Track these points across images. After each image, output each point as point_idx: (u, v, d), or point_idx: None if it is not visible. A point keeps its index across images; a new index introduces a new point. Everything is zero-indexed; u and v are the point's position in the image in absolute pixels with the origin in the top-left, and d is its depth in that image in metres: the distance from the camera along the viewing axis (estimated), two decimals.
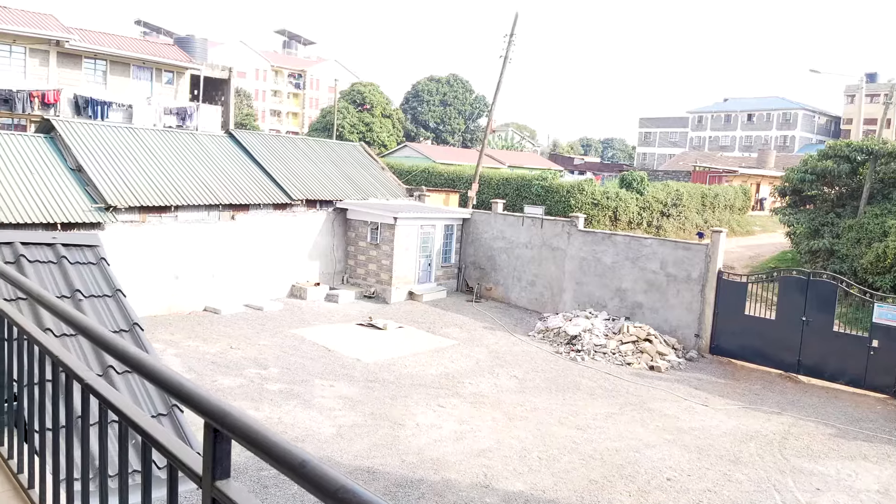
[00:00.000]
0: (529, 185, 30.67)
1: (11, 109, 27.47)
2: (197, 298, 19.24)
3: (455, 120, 77.09)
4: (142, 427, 1.87)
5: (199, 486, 1.58)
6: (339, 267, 23.45)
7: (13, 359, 3.10)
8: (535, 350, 18.20)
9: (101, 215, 17.02)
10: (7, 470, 3.10)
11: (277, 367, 14.96)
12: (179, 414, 4.39)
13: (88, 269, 5.09)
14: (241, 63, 74.05)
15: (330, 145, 27.94)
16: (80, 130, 19.40)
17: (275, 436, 1.39)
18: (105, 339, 2.11)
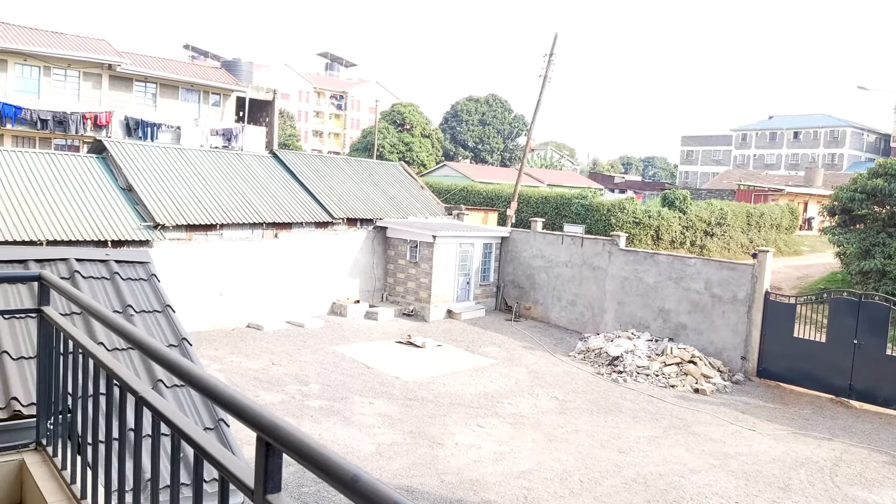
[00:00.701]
0: (569, 204, 30.49)
1: (66, 131, 28.57)
2: (240, 315, 19.56)
3: (494, 139, 77.33)
4: (195, 440, 1.90)
5: (251, 499, 1.60)
6: (379, 285, 23.60)
7: (68, 372, 3.19)
8: (575, 371, 17.97)
9: (149, 233, 17.51)
10: (61, 480, 3.18)
11: (318, 384, 15.07)
12: (225, 428, 4.45)
13: (140, 284, 5.24)
14: (285, 85, 75.76)
15: (370, 165, 28.29)
16: (131, 151, 20.05)
17: (327, 450, 1.40)
18: (161, 354, 2.16)
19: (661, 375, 17.61)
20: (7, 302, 4.69)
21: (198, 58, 61.28)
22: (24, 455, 3.44)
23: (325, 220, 21.89)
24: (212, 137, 32.25)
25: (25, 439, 3.57)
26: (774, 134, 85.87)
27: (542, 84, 30.09)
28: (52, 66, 29.26)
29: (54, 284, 3.39)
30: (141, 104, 31.88)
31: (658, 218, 29.06)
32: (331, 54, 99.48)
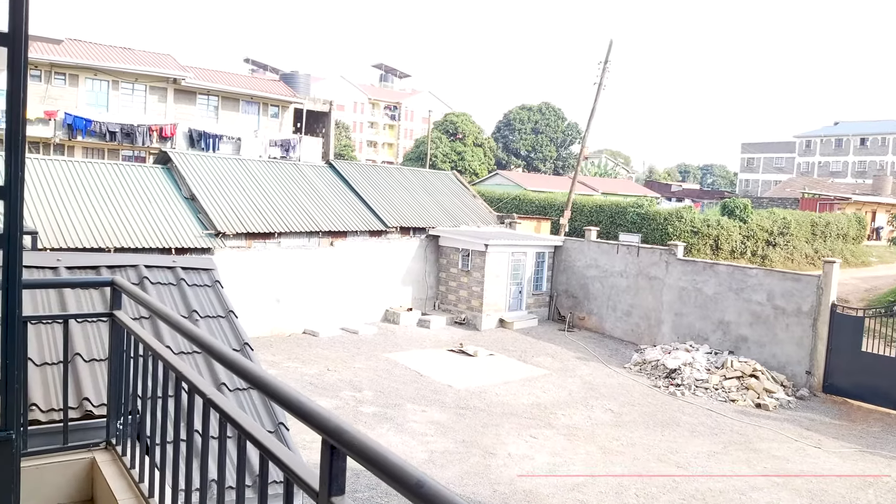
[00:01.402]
0: (624, 213, 30.03)
1: (133, 142, 29.80)
2: (297, 321, 19.95)
3: (546, 147, 76.89)
4: (261, 442, 1.95)
5: (316, 501, 1.63)
6: (431, 293, 23.71)
7: (137, 374, 3.32)
8: (631, 383, 17.63)
9: (211, 241, 18.07)
10: (130, 479, 3.31)
11: (371, 391, 15.22)
12: (285, 432, 4.55)
13: (204, 290, 5.42)
14: (341, 96, 77.18)
15: (423, 174, 28.51)
16: (194, 162, 20.76)
17: (392, 454, 1.42)
18: (229, 358, 2.23)
19: (720, 389, 17.10)
20: (80, 306, 4.92)
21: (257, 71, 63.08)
22: (95, 453, 3.59)
23: (378, 229, 22.15)
24: (270, 148, 33.11)
25: (96, 438, 3.73)
26: (840, 140, 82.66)
27: (597, 92, 29.80)
28: (121, 81, 30.59)
29: (126, 290, 3.54)
30: (203, 116, 33.00)
31: (717, 227, 28.32)
32: (385, 66, 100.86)
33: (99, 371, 4.50)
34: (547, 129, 77.12)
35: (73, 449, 3.58)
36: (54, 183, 17.49)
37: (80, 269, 5.20)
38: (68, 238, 15.99)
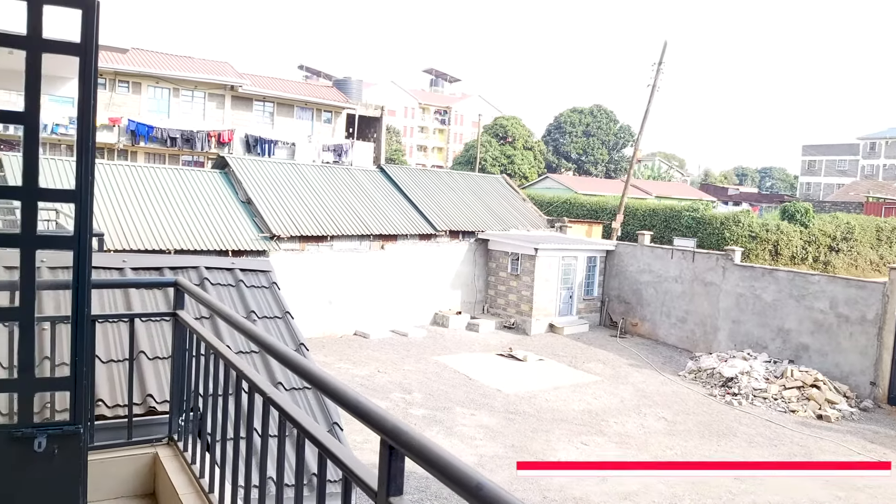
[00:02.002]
0: (679, 217, 29.38)
1: (192, 148, 30.76)
2: (348, 323, 20.21)
3: (598, 150, 75.92)
4: (320, 441, 1.99)
5: (374, 501, 1.65)
6: (480, 296, 23.68)
7: (199, 372, 3.42)
8: (685, 391, 17.23)
9: (266, 243, 18.49)
10: (191, 474, 3.41)
11: (421, 393, 15.29)
12: (339, 432, 4.62)
13: (262, 292, 5.56)
14: (392, 101, 77.93)
15: (473, 178, 28.53)
16: (250, 166, 21.28)
17: (451, 456, 1.43)
18: (289, 358, 2.28)
19: (779, 399, 16.55)
20: (144, 306, 5.11)
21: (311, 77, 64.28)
22: (158, 448, 3.71)
23: (428, 233, 22.27)
24: (323, 153, 33.70)
25: (159, 434, 3.85)
26: None
27: (651, 94, 29.28)
28: (181, 88, 31.62)
29: (189, 290, 3.65)
30: (259, 122, 33.82)
31: (777, 232, 27.43)
32: (435, 70, 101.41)
33: (162, 369, 4.65)
34: (598, 131, 76.16)
35: (136, 444, 3.70)
36: (119, 187, 18.19)
37: (144, 270, 5.39)
38: (132, 240, 16.59)
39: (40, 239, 3.21)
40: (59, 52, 3.00)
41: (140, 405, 4.41)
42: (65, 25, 3.21)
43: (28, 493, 3.13)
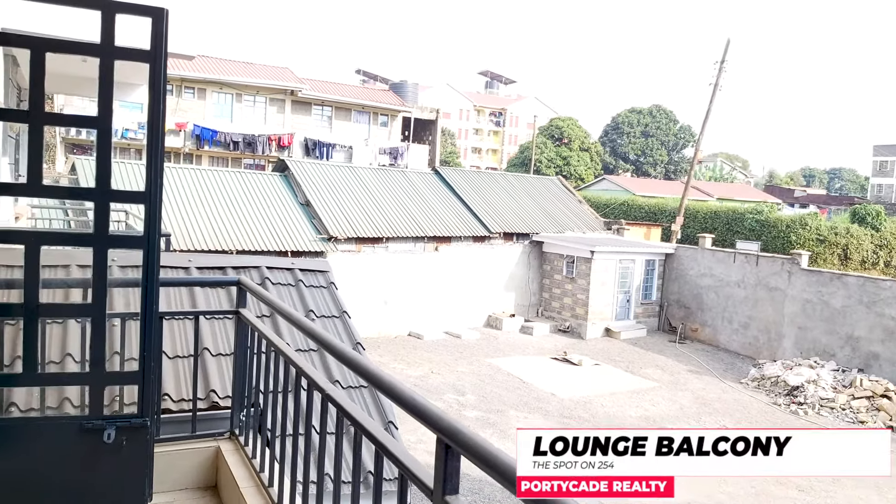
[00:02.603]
0: (742, 219, 28.50)
1: (254, 151, 31.60)
2: (402, 324, 20.38)
3: (657, 151, 74.38)
4: (378, 438, 2.01)
5: (430, 498, 1.66)
6: (534, 299, 23.51)
7: (260, 369, 3.51)
8: (747, 399, 16.68)
9: (324, 245, 18.84)
10: (251, 468, 3.49)
11: (474, 395, 15.28)
12: (394, 430, 4.66)
13: (320, 291, 5.67)
14: (447, 104, 78.25)
15: (527, 179, 28.38)
16: (309, 169, 21.73)
17: (507, 457, 1.43)
18: (348, 356, 2.31)
19: (848, 409, 15.85)
20: (208, 303, 5.27)
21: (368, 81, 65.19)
22: (220, 443, 3.81)
23: (482, 235, 22.25)
24: (380, 156, 34.12)
25: (221, 428, 3.96)
26: None
27: (713, 92, 28.53)
28: (243, 94, 32.53)
29: (251, 289, 3.75)
30: (318, 126, 34.48)
31: (846, 235, 26.30)
32: (490, 72, 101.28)
33: (224, 365, 4.79)
34: (658, 132, 74.63)
35: (200, 437, 3.82)
36: (185, 190, 18.84)
37: (208, 270, 5.57)
38: (197, 241, 17.16)
39: (112, 239, 3.34)
40: (130, 59, 3.13)
41: (203, 400, 4.56)
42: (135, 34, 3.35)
43: (98, 484, 3.26)
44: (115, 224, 10.58)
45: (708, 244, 23.18)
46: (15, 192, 5.98)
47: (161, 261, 3.41)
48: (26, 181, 3.21)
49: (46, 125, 3.13)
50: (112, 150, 3.32)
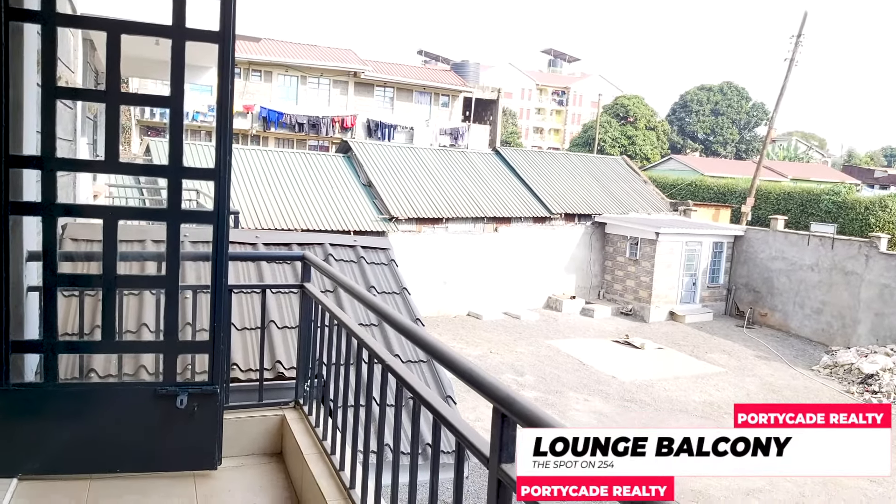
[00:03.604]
0: (817, 201, 27.27)
1: (318, 133, 32.16)
2: (461, 303, 20.48)
3: (728, 130, 71.72)
4: (436, 408, 2.05)
5: (487, 466, 1.69)
6: (596, 281, 23.20)
7: (323, 341, 3.61)
8: (818, 386, 16.08)
9: (385, 225, 19.07)
10: (314, 436, 3.61)
11: (533, 376, 15.27)
12: (452, 405, 4.72)
13: (381, 268, 5.77)
14: (509, 84, 77.45)
15: (590, 159, 27.87)
16: (371, 150, 21.97)
17: (564, 426, 1.43)
18: (409, 328, 2.36)
19: None
20: (274, 278, 5.45)
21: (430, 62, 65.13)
22: (285, 411, 3.95)
23: (543, 216, 22.05)
24: (440, 137, 34.15)
25: (286, 398, 4.11)
26: None
27: (788, 68, 27.27)
28: (308, 76, 33.06)
29: (315, 264, 3.85)
30: (380, 107, 34.76)
31: None
32: (554, 50, 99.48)
33: (290, 337, 4.95)
34: (728, 110, 71.92)
35: (266, 406, 3.97)
36: (252, 170, 19.38)
37: (274, 246, 5.75)
38: (264, 219, 17.67)
39: (184, 214, 3.48)
40: (200, 39, 3.24)
41: (270, 370, 4.73)
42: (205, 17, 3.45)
43: (171, 446, 3.44)
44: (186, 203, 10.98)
45: (780, 226, 22.30)
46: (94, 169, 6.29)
47: (230, 237, 3.54)
48: (104, 159, 3.38)
49: (122, 105, 3.28)
50: (184, 131, 3.45)
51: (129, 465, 3.41)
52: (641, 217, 23.46)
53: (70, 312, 4.56)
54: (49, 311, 3.24)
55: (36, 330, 3.40)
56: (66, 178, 5.40)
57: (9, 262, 3.11)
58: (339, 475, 3.08)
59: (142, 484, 3.33)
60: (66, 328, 4.48)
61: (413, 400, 2.25)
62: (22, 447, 3.22)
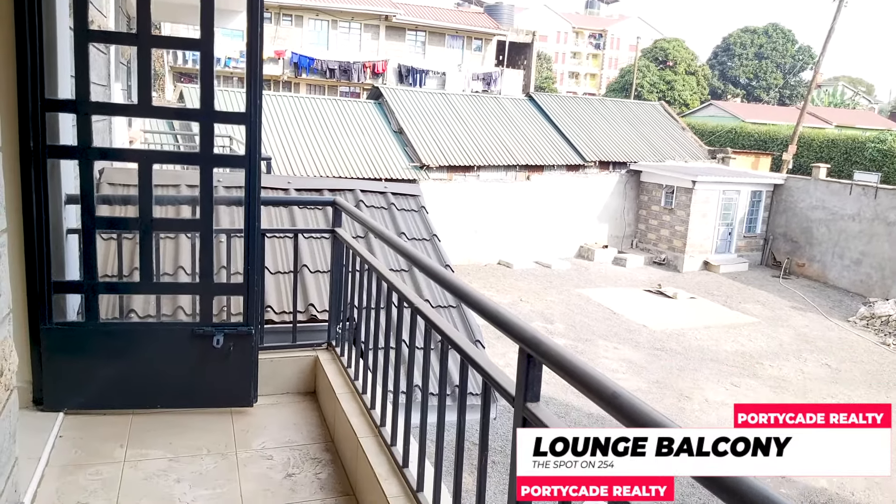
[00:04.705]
0: (862, 148, 26.32)
1: (349, 79, 31.88)
2: (492, 252, 20.49)
3: (771, 75, 69.06)
4: (462, 348, 2.07)
5: (512, 405, 1.72)
6: (629, 231, 22.95)
7: (354, 285, 3.66)
8: (854, 338, 15.85)
9: (416, 173, 19.02)
10: (346, 376, 3.71)
11: (563, 324, 15.33)
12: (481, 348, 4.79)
13: (411, 215, 5.79)
14: (544, 26, 75.30)
15: (627, 105, 27.21)
16: (402, 97, 21.74)
17: (587, 365, 1.44)
18: (437, 272, 2.37)
19: None
20: (306, 223, 5.51)
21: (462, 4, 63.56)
22: (318, 352, 4.05)
23: (576, 163, 21.72)
24: (472, 82, 33.58)
25: (319, 339, 4.20)
26: None
27: (837, 9, 25.95)
28: (339, 20, 32.59)
29: (346, 209, 3.88)
30: (411, 52, 34.22)
31: None
32: None
33: (322, 281, 5.04)
34: (773, 53, 69.07)
35: (300, 347, 4.08)
36: (283, 117, 19.38)
37: (306, 191, 5.80)
38: (295, 166, 17.76)
39: (217, 158, 3.51)
40: None
41: (303, 313, 4.83)
42: None
43: (210, 384, 3.57)
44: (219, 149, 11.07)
45: (822, 175, 21.64)
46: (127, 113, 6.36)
47: (262, 182, 3.56)
48: (137, 103, 3.40)
49: (153, 48, 3.28)
50: (215, 76, 3.45)
51: (169, 402, 3.55)
52: (678, 165, 22.96)
53: (109, 255, 4.70)
54: (88, 253, 3.33)
55: (76, 271, 3.51)
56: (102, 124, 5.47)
57: (48, 205, 3.19)
58: (370, 413, 3.16)
59: (182, 419, 3.47)
60: (106, 270, 4.62)
61: (441, 342, 2.28)
62: (67, 383, 3.37)
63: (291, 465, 3.19)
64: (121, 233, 4.10)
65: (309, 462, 3.23)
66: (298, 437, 3.47)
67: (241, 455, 3.23)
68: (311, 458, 3.27)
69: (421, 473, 2.52)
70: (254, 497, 2.90)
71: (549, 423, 1.57)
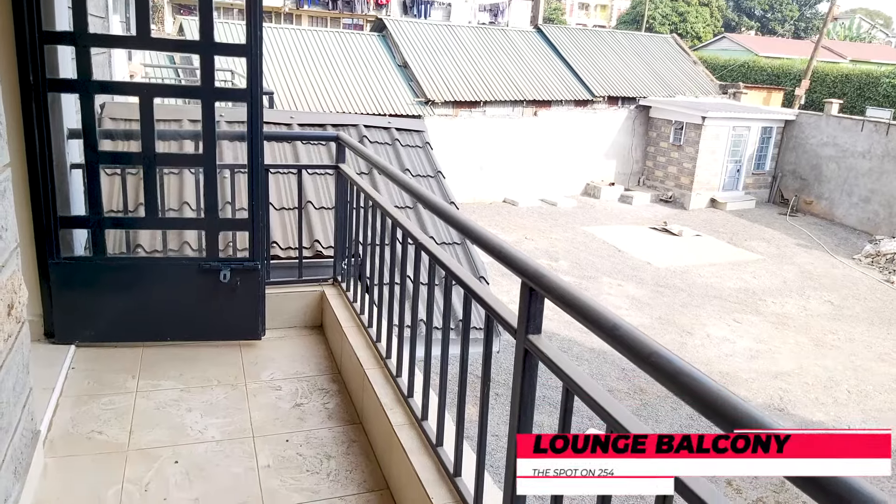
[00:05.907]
0: (876, 84, 25.73)
1: (352, 10, 31.06)
2: (497, 190, 20.39)
3: (787, 6, 66.84)
4: (465, 282, 2.10)
5: (514, 336, 1.75)
6: (636, 168, 22.73)
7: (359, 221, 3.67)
8: (858, 275, 15.90)
9: (421, 108, 18.73)
10: (352, 310, 3.76)
11: (567, 261, 15.40)
12: (485, 284, 4.84)
13: (416, 151, 5.73)
14: None
15: (638, 38, 26.48)
16: (407, 29, 21.19)
17: (588, 297, 1.46)
18: (441, 208, 2.37)
19: None
20: (310, 159, 5.47)
21: None
22: (324, 287, 4.11)
23: (584, 98, 21.32)
24: (479, 13, 32.67)
25: (325, 275, 4.25)
26: None
27: None
28: None
29: (350, 145, 3.85)
30: None
31: None
32: None
33: (327, 218, 5.05)
34: None
35: (306, 282, 4.13)
36: (285, 50, 18.97)
37: (309, 127, 5.73)
38: (298, 101, 17.50)
39: (218, 91, 3.46)
40: None
41: (308, 249, 4.86)
42: None
43: (218, 317, 3.63)
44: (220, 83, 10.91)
45: (834, 111, 21.23)
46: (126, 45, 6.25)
47: (265, 117, 3.52)
48: (136, 35, 3.34)
49: None
50: (214, 7, 3.37)
51: (179, 335, 3.62)
52: (688, 100, 22.53)
53: (114, 191, 4.70)
54: (93, 188, 3.33)
55: (82, 206, 3.52)
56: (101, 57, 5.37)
57: (51, 140, 3.17)
58: (376, 346, 3.23)
59: (191, 351, 3.55)
60: (111, 206, 4.63)
61: (446, 278, 2.30)
62: (77, 317, 3.43)
63: (300, 396, 3.28)
64: (124, 168, 4.09)
65: (317, 392, 3.32)
66: (306, 368, 3.55)
67: (251, 386, 3.32)
68: (319, 389, 3.35)
69: (425, 403, 2.59)
70: (263, 425, 2.99)
71: (550, 354, 1.61)
